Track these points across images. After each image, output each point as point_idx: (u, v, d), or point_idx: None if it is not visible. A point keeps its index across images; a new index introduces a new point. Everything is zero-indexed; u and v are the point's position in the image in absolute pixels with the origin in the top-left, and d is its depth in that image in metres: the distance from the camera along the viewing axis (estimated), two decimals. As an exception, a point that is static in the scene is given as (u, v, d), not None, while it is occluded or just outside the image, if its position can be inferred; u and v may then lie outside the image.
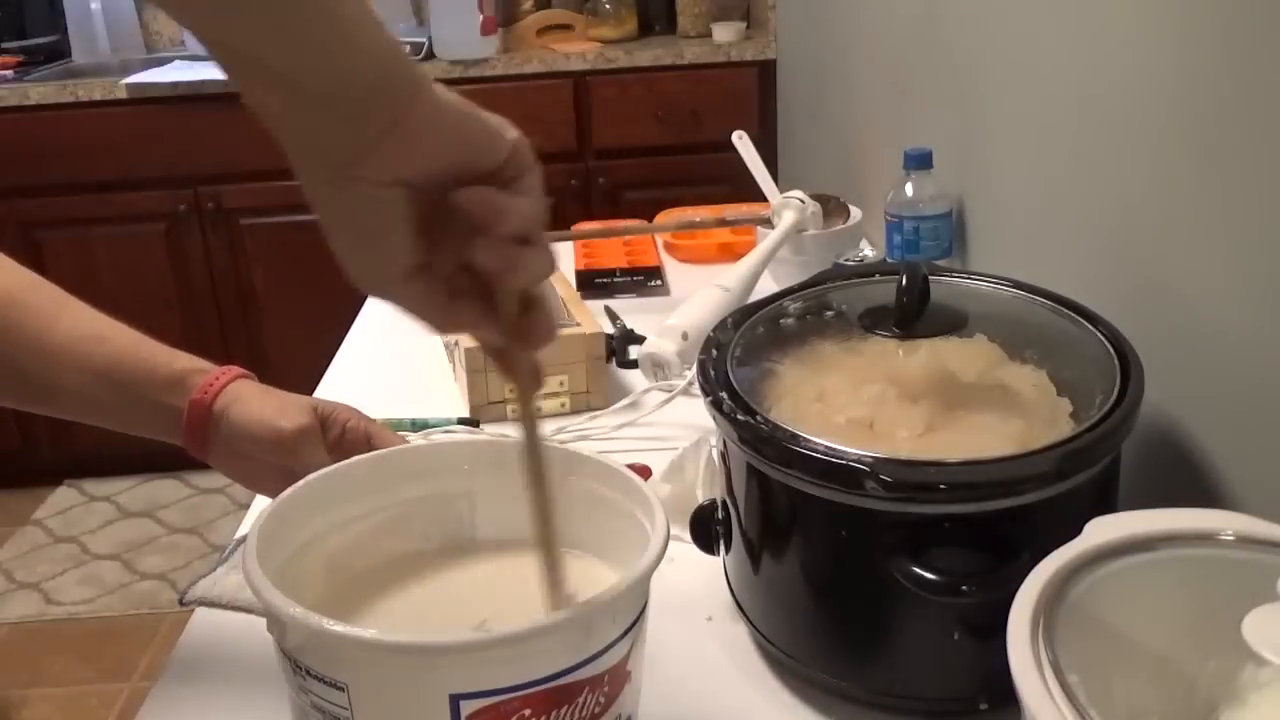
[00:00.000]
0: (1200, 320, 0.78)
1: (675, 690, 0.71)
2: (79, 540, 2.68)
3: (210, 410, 0.75)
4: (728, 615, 0.78)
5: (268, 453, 0.74)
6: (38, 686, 2.22)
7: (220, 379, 0.76)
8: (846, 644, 0.70)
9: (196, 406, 0.75)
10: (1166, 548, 0.56)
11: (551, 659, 0.52)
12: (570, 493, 0.66)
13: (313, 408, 0.76)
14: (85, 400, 0.76)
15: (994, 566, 0.61)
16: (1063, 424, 0.68)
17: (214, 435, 0.75)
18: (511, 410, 1.09)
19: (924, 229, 1.26)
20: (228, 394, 0.76)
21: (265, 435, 0.74)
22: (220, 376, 0.77)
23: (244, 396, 0.76)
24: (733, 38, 2.63)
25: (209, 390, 0.75)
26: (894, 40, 1.56)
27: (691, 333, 1.03)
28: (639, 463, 0.93)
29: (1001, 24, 1.14)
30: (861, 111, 1.79)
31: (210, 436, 0.75)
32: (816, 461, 0.65)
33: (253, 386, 0.78)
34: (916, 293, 0.77)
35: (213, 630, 0.80)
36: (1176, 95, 0.79)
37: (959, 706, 0.68)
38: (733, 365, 0.75)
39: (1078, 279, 0.93)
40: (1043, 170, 1.05)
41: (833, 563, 0.69)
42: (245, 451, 0.75)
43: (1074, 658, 0.48)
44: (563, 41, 2.73)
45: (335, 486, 0.64)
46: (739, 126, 1.45)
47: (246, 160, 2.53)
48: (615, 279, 1.47)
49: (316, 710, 0.53)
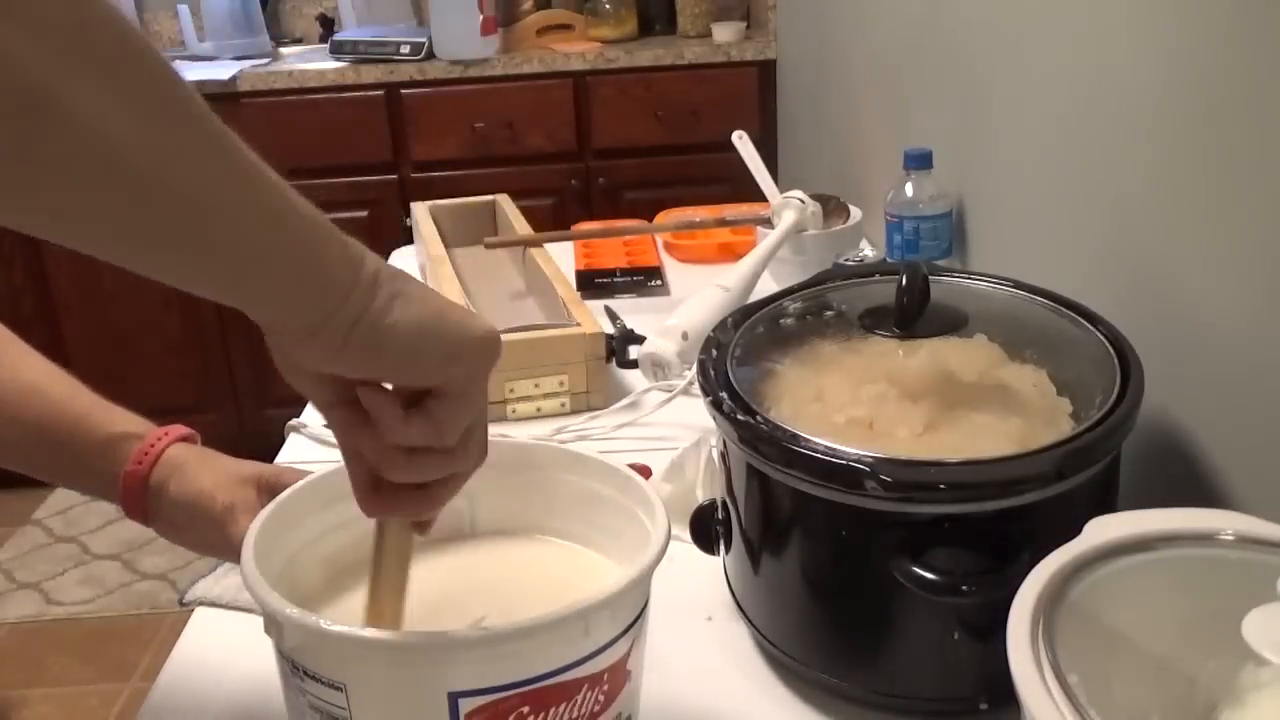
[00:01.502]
0: (1201, 320, 0.78)
1: (675, 690, 0.71)
2: (79, 540, 2.68)
3: (146, 483, 0.70)
4: (728, 615, 0.78)
5: (206, 527, 0.70)
6: (38, 686, 2.21)
7: (156, 446, 0.71)
8: (846, 644, 0.70)
9: (131, 478, 0.70)
10: (1166, 548, 0.56)
11: (550, 657, 0.52)
12: (570, 492, 0.66)
13: (256, 477, 0.71)
14: (23, 454, 0.72)
15: (994, 566, 0.61)
16: (1063, 424, 0.68)
17: (154, 507, 0.71)
18: (512, 410, 1.09)
19: (924, 229, 1.26)
20: (165, 463, 0.71)
21: (202, 509, 0.70)
22: (155, 444, 0.71)
23: (184, 465, 0.71)
24: (733, 38, 2.63)
25: (144, 460, 0.70)
26: (894, 40, 1.56)
27: (691, 333, 1.03)
28: (639, 463, 0.93)
29: (1002, 24, 1.14)
30: (861, 111, 1.79)
31: (150, 508, 0.71)
32: (816, 461, 0.65)
33: (192, 452, 0.72)
34: (916, 293, 0.77)
35: (213, 630, 0.80)
36: (1177, 95, 0.79)
37: (959, 706, 0.68)
38: (733, 365, 0.75)
39: (1078, 279, 0.93)
40: (1043, 170, 1.05)
41: (833, 563, 0.69)
42: (184, 524, 0.71)
43: (1074, 658, 0.48)
44: (563, 41, 2.73)
45: (335, 486, 0.64)
46: (739, 126, 1.45)
47: (246, 160, 2.53)
48: (615, 279, 1.47)
49: (315, 710, 0.53)
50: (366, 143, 2.59)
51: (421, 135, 2.60)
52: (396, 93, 2.57)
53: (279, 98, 2.55)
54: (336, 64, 2.60)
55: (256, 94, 2.54)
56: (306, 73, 2.57)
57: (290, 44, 3.01)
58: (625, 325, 1.24)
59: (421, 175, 2.62)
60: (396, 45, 2.56)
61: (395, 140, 2.61)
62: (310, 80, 2.57)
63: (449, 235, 1.46)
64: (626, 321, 1.25)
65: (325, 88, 2.57)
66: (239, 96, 2.53)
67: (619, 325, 1.25)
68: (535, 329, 1.11)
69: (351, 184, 2.61)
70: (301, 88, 2.56)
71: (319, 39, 2.98)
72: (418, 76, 2.56)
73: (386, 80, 2.56)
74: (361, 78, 2.57)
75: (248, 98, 2.54)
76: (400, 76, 2.56)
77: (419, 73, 2.56)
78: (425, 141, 2.61)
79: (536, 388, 1.09)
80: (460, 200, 1.58)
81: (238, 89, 2.53)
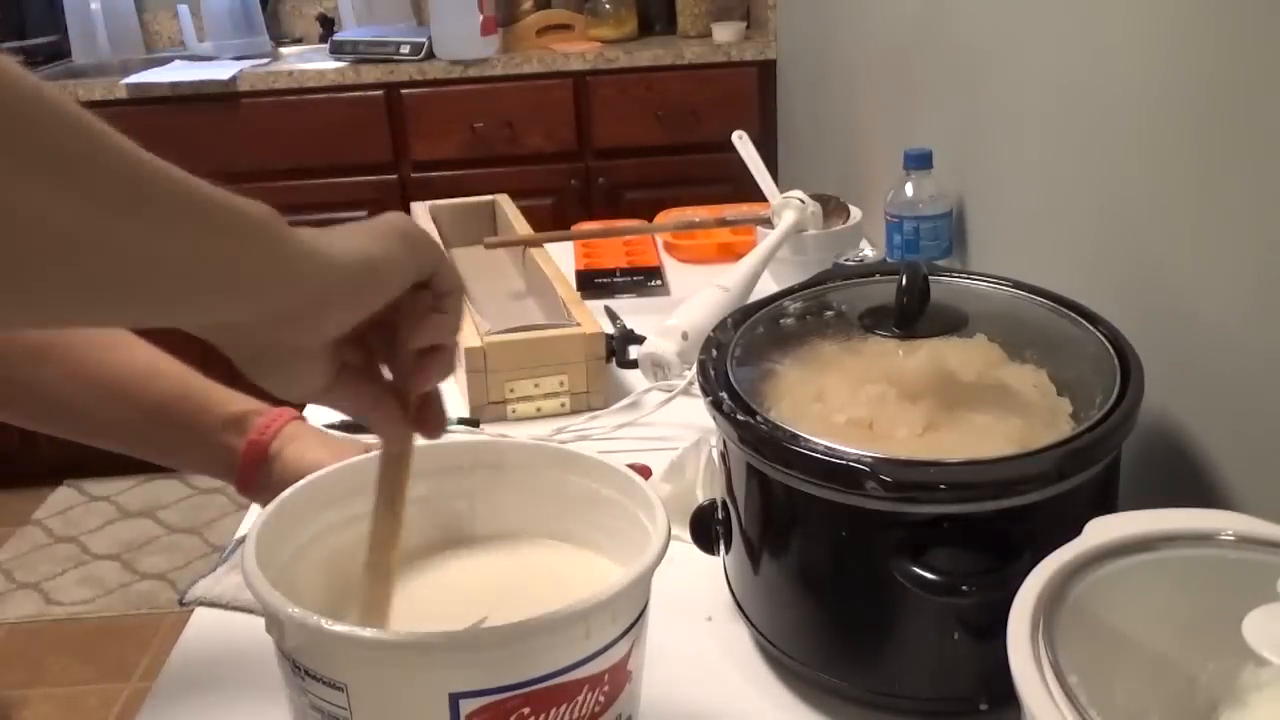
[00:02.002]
0: (1200, 320, 0.78)
1: (675, 690, 0.71)
2: (79, 540, 2.68)
3: (267, 452, 0.77)
4: (728, 615, 0.78)
5: None
6: (38, 686, 2.21)
7: (277, 420, 0.78)
8: (846, 644, 0.70)
9: (254, 447, 0.77)
10: (1166, 548, 0.56)
11: (551, 657, 0.52)
12: (570, 492, 0.66)
13: (365, 449, 0.75)
14: (135, 436, 0.77)
15: (994, 566, 0.61)
16: (1063, 424, 0.68)
17: (265, 475, 0.76)
18: (512, 410, 1.09)
19: (924, 229, 1.26)
20: (283, 435, 0.77)
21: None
22: (277, 418, 0.78)
23: (299, 438, 0.78)
24: (733, 38, 2.63)
25: (266, 431, 0.77)
26: (894, 40, 1.56)
27: (691, 333, 1.03)
28: (639, 463, 0.93)
29: (1002, 24, 1.14)
30: (862, 111, 1.79)
31: (260, 477, 0.76)
32: (816, 461, 0.65)
33: (307, 428, 0.80)
34: (916, 293, 0.77)
35: (213, 630, 0.80)
36: (1177, 95, 0.79)
37: (959, 706, 0.68)
38: (733, 365, 0.75)
39: (1078, 279, 0.93)
40: (1043, 170, 1.05)
41: (833, 563, 0.69)
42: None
43: (1074, 658, 0.48)
44: (563, 41, 2.73)
45: (335, 486, 0.64)
46: (739, 126, 1.45)
47: (246, 160, 2.53)
48: (615, 279, 1.47)
49: (316, 710, 0.53)
50: (366, 143, 2.60)
51: (421, 135, 2.60)
52: (396, 93, 2.57)
53: (279, 98, 2.55)
54: (336, 64, 2.60)
55: (256, 94, 2.54)
56: (306, 73, 2.57)
57: (290, 44, 3.01)
58: (625, 325, 1.24)
59: (421, 175, 2.62)
60: (396, 45, 2.56)
61: (395, 140, 2.61)
62: (310, 80, 2.57)
63: (449, 235, 1.46)
64: (626, 321, 1.25)
65: (325, 88, 2.57)
66: (239, 96, 2.53)
67: (619, 325, 1.25)
68: (535, 329, 1.11)
69: (351, 184, 2.61)
70: (301, 88, 2.56)
71: (319, 39, 2.99)
72: (418, 76, 2.56)
73: (386, 80, 2.57)
74: (361, 78, 2.57)
75: (248, 98, 2.54)
76: (400, 76, 2.56)
77: (419, 73, 2.56)
78: (425, 141, 2.61)
79: (536, 388, 1.09)
80: (460, 200, 1.58)
81: (238, 89, 2.53)
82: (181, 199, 0.39)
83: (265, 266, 0.43)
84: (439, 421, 0.57)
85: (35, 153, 0.34)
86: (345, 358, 0.52)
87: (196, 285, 0.41)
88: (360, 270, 0.48)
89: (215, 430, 0.77)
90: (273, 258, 0.44)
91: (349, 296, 0.48)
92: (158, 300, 0.40)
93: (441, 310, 0.53)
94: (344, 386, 0.52)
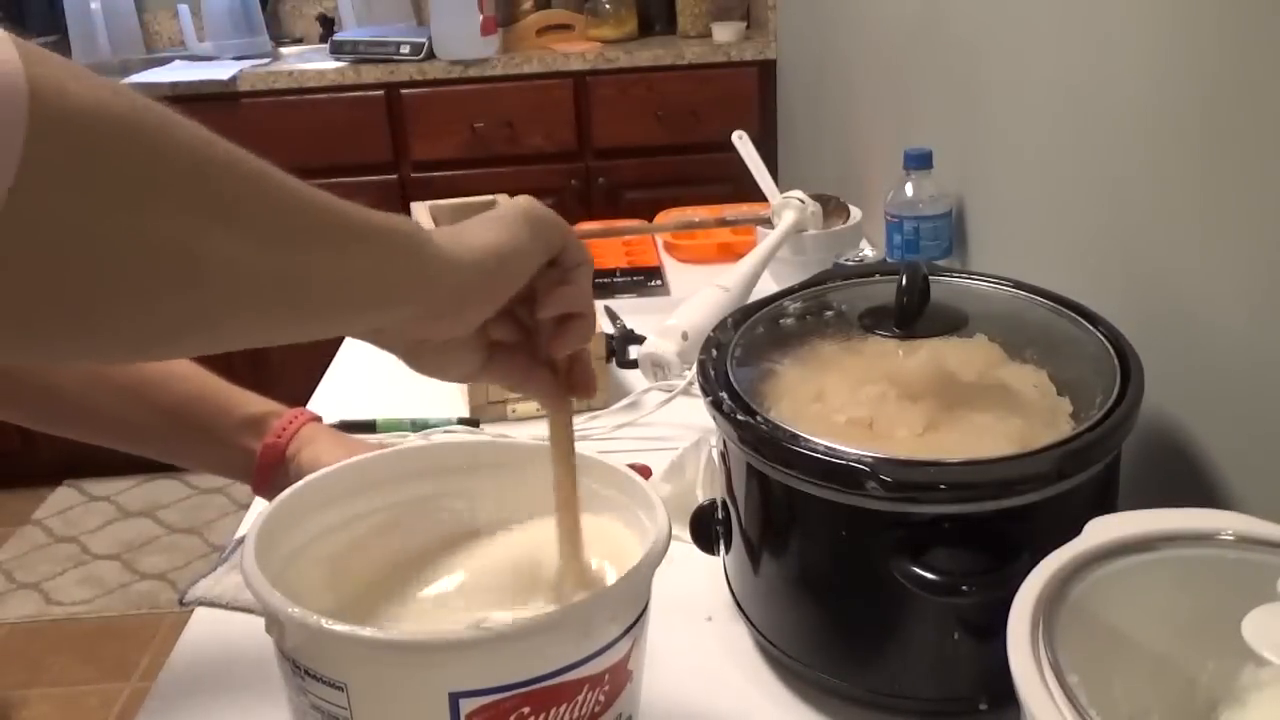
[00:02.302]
0: (1200, 320, 0.78)
1: (675, 690, 0.71)
2: (79, 540, 2.68)
3: (284, 453, 0.78)
4: (728, 615, 0.78)
5: None
6: (38, 686, 2.21)
7: (294, 422, 0.80)
8: (846, 644, 0.70)
9: (271, 449, 0.78)
10: (1166, 548, 0.56)
11: (551, 657, 0.52)
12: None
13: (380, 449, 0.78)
14: (152, 437, 0.78)
15: (994, 566, 0.61)
16: (1063, 424, 0.68)
17: (281, 477, 0.77)
18: (512, 410, 1.09)
19: (924, 229, 1.26)
20: (300, 437, 0.79)
21: None
22: (294, 420, 0.80)
23: (316, 440, 0.79)
24: (733, 38, 2.63)
25: (283, 433, 0.79)
26: (894, 40, 1.56)
27: (691, 333, 1.03)
28: (639, 463, 0.93)
29: (1002, 24, 1.14)
30: (861, 111, 1.79)
31: (277, 478, 0.77)
32: (816, 461, 0.65)
33: (324, 430, 0.81)
34: (916, 293, 0.77)
35: (213, 630, 0.80)
36: (1177, 95, 0.79)
37: (959, 706, 0.68)
38: (733, 365, 0.75)
39: (1078, 279, 0.93)
40: (1043, 170, 1.05)
41: (833, 563, 0.69)
42: None
43: (1074, 658, 0.48)
44: (563, 41, 2.73)
45: (335, 486, 0.64)
46: (739, 126, 1.45)
47: (246, 160, 2.53)
48: (615, 279, 1.47)
49: (316, 710, 0.53)
50: (366, 143, 2.59)
51: (421, 135, 2.60)
52: (396, 93, 2.57)
53: (279, 98, 2.55)
54: (336, 64, 2.60)
55: (256, 94, 2.54)
56: (306, 73, 2.57)
57: (290, 44, 3.01)
58: (625, 325, 1.24)
59: (421, 175, 2.62)
60: (396, 45, 2.56)
61: (395, 140, 2.61)
62: (310, 80, 2.57)
63: (449, 235, 1.45)
64: (626, 321, 1.25)
65: (325, 88, 2.57)
66: (239, 96, 2.53)
67: (619, 325, 1.25)
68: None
69: (351, 184, 2.61)
70: (301, 88, 2.56)
71: (319, 39, 2.98)
72: (418, 76, 2.56)
73: (386, 80, 2.57)
74: (361, 78, 2.57)
75: (248, 98, 2.54)
76: (400, 76, 2.56)
77: (419, 73, 2.56)
78: (425, 141, 2.61)
79: (537, 388, 1.09)
80: (460, 200, 1.57)
81: (238, 89, 2.53)
82: (337, 229, 0.44)
83: (408, 276, 0.48)
84: (588, 383, 0.60)
85: (220, 206, 0.39)
86: (496, 336, 0.56)
87: (351, 301, 0.46)
88: (491, 265, 0.51)
89: (232, 432, 0.78)
90: (414, 267, 0.48)
91: (482, 290, 0.52)
92: (318, 318, 0.45)
93: (569, 282, 0.56)
94: (498, 364, 0.57)
